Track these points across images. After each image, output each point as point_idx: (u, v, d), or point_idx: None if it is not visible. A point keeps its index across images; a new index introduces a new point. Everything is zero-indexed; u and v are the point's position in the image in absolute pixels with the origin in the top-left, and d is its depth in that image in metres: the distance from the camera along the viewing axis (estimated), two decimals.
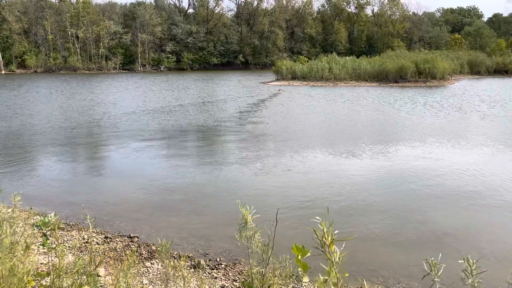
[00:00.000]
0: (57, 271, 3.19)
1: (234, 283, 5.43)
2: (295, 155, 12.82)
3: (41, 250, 5.38)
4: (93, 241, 6.70)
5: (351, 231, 7.17)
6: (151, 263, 5.90)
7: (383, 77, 43.96)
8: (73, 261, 3.54)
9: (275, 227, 2.82)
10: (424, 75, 43.04)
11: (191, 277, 5.12)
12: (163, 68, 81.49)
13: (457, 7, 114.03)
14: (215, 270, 5.82)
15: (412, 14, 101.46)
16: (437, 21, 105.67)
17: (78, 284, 3.13)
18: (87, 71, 73.80)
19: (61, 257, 3.23)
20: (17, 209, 3.73)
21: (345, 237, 2.10)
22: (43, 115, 21.97)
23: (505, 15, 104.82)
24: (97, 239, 6.83)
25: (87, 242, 6.50)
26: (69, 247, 6.07)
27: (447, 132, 16.78)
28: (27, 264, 2.93)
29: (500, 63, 59.99)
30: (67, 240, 6.62)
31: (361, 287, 5.34)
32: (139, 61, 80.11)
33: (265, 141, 15.41)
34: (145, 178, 10.59)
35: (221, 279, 5.56)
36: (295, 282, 5.19)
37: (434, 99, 28.97)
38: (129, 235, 7.05)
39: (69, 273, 3.22)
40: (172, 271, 3.10)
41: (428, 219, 7.80)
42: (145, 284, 5.18)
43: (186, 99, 30.52)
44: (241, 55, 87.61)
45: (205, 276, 5.60)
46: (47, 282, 3.43)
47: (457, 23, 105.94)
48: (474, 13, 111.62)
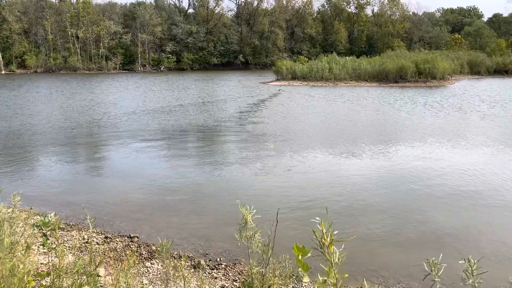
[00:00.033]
0: (57, 271, 3.18)
1: (234, 283, 5.43)
2: (295, 155, 12.82)
3: (41, 250, 5.38)
4: (93, 241, 6.70)
5: (351, 231, 7.17)
6: (151, 263, 5.90)
7: (383, 77, 43.97)
8: (73, 261, 3.54)
9: (275, 227, 2.81)
10: (424, 75, 43.05)
11: (191, 277, 5.12)
12: (163, 68, 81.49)
13: (457, 7, 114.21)
14: (215, 270, 5.82)
15: (412, 14, 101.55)
16: (437, 21, 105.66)
17: (78, 284, 3.12)
18: (87, 71, 73.80)
19: (61, 257, 3.23)
20: (16, 209, 3.73)
21: (344, 238, 2.09)
22: (43, 115, 21.97)
23: (505, 15, 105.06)
24: (97, 239, 6.83)
25: (87, 242, 6.50)
26: (69, 247, 6.07)
27: (447, 132, 16.78)
28: (27, 264, 2.93)
29: (500, 63, 60.03)
30: (67, 240, 6.62)
31: (361, 287, 5.34)
32: (139, 61, 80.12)
33: (265, 141, 15.41)
34: (145, 178, 10.59)
35: (221, 279, 5.56)
36: (295, 282, 5.19)
37: (434, 99, 28.97)
38: (129, 235, 7.05)
39: (69, 273, 3.22)
40: (172, 271, 3.10)
41: (428, 219, 7.80)
42: (145, 284, 5.18)
43: (186, 99, 30.51)
44: (241, 55, 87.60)
45: (205, 276, 5.60)
46: (47, 282, 3.43)
47: (457, 23, 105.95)
48: (474, 13, 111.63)
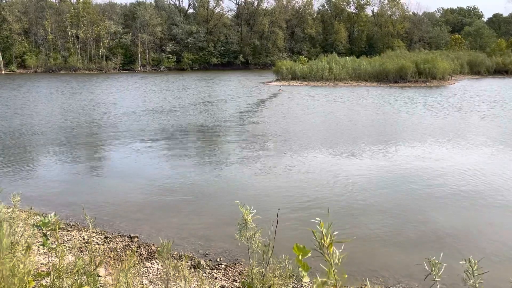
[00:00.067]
0: (57, 271, 3.18)
1: (234, 283, 5.43)
2: (295, 155, 12.82)
3: (41, 250, 5.37)
4: (93, 241, 6.70)
5: (351, 231, 7.17)
6: (151, 263, 5.90)
7: (383, 77, 43.96)
8: (73, 261, 3.53)
9: (275, 227, 2.81)
10: (424, 75, 43.04)
11: (192, 277, 5.11)
12: (163, 68, 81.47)
13: (457, 7, 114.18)
14: (215, 270, 5.82)
15: (412, 14, 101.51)
16: (437, 21, 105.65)
17: (78, 284, 3.12)
18: (87, 71, 73.79)
19: (61, 257, 3.23)
20: (16, 209, 3.73)
21: (344, 239, 2.09)
22: (43, 115, 21.97)
23: (505, 15, 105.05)
24: (97, 239, 6.83)
25: (87, 242, 6.50)
26: (69, 247, 6.07)
27: (447, 132, 16.77)
28: (27, 264, 2.93)
29: (500, 63, 60.01)
30: (67, 240, 6.62)
31: (361, 287, 5.34)
32: (139, 61, 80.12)
33: (265, 141, 15.41)
34: (145, 178, 10.59)
35: (221, 279, 5.56)
36: (295, 282, 5.18)
37: (434, 99, 28.97)
38: (129, 235, 7.05)
39: (69, 273, 3.22)
40: (173, 271, 3.10)
41: (428, 219, 7.80)
42: (145, 284, 5.17)
43: (186, 99, 30.51)
44: (241, 55, 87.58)
45: (205, 276, 5.60)
46: (47, 282, 3.43)
47: (457, 23, 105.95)
48: (474, 13, 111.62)
